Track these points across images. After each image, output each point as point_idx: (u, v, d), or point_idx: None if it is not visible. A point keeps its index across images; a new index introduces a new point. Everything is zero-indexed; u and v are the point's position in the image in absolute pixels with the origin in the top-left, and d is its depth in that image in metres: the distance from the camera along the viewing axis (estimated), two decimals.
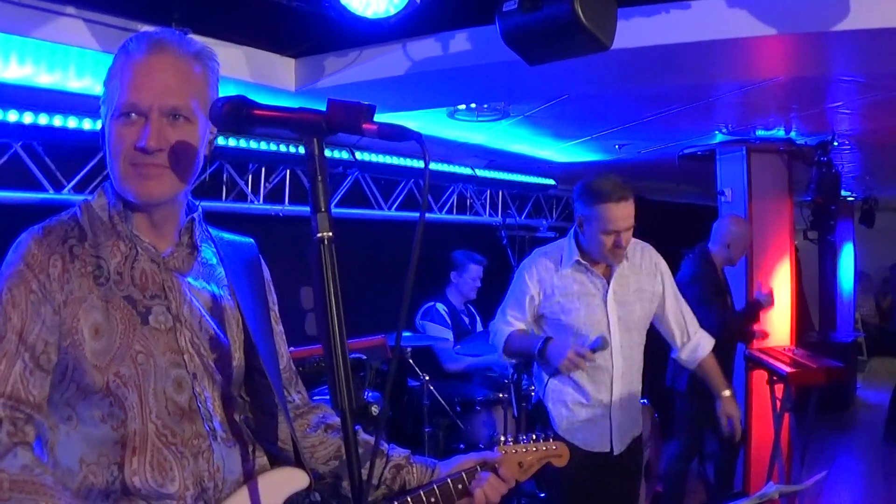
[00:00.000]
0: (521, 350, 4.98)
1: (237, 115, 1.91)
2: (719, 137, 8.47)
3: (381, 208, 8.91)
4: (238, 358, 2.42)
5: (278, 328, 2.63)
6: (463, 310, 8.81)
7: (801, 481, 7.09)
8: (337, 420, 2.69)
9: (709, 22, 4.35)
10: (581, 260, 4.91)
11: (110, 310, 2.18)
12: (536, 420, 5.03)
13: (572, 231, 5.04)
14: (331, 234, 1.84)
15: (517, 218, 10.73)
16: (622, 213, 4.74)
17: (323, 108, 1.87)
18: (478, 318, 8.95)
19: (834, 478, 8.95)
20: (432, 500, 2.49)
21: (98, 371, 2.13)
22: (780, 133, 8.23)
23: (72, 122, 5.84)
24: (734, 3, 4.23)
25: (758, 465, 8.14)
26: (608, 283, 4.92)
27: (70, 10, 4.32)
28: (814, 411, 7.41)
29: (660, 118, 7.32)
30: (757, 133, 8.25)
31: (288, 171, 7.77)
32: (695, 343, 5.23)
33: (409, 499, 2.46)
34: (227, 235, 2.60)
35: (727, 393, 5.26)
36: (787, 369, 6.72)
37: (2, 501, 1.97)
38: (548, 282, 4.95)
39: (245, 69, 5.12)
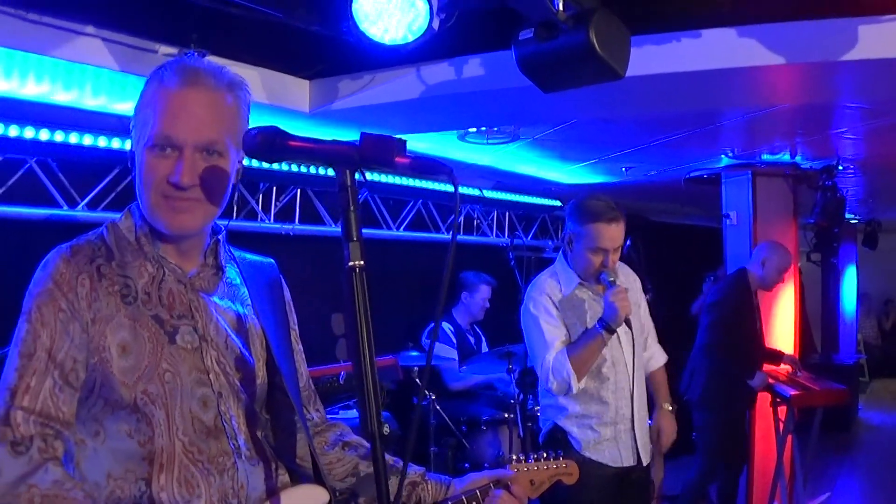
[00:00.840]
0: (586, 349, 4.75)
1: (271, 145, 1.95)
2: (725, 161, 8.54)
3: (389, 228, 8.99)
4: (262, 376, 2.47)
5: (298, 347, 2.69)
6: (469, 330, 8.87)
7: (804, 502, 7.16)
8: (354, 438, 2.76)
9: (720, 51, 4.44)
10: (582, 282, 4.97)
11: (138, 328, 2.23)
12: (549, 445, 4.89)
13: (560, 254, 5.11)
14: (362, 262, 1.88)
15: (524, 239, 10.80)
16: (612, 233, 4.82)
17: (339, 132, 1.94)
18: (483, 339, 9.01)
19: (836, 499, 8.97)
20: None
21: (126, 388, 2.18)
22: (786, 157, 8.31)
23: (87, 140, 5.94)
24: (745, 32, 4.32)
25: (761, 485, 8.19)
26: None
27: (90, 29, 4.41)
28: (817, 433, 7.46)
29: (666, 142, 7.40)
30: (763, 157, 8.33)
31: (298, 191, 7.83)
32: (649, 354, 5.37)
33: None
34: (249, 256, 2.66)
35: (668, 407, 5.37)
36: (791, 391, 6.77)
37: None
38: (560, 307, 4.97)
39: (260, 90, 5.20)
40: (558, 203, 11.15)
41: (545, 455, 2.93)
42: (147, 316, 2.26)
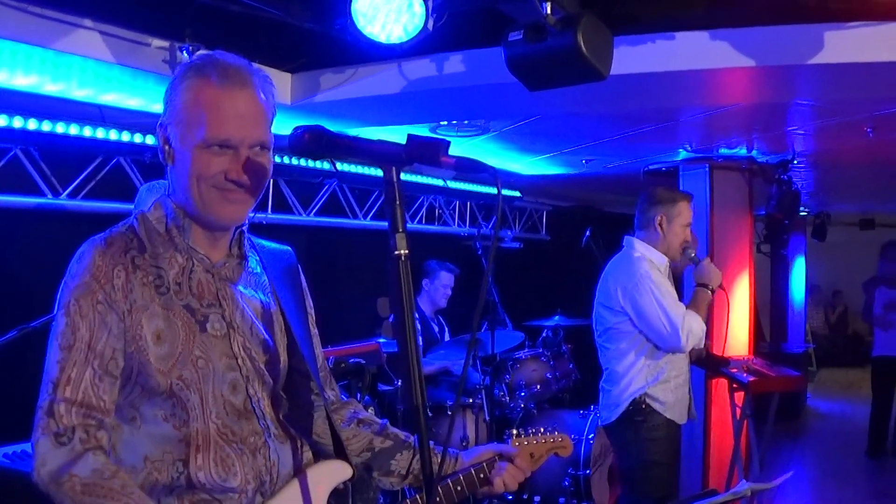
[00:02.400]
0: (702, 308, 5.43)
1: (318, 143, 2.07)
2: (683, 155, 8.73)
3: (356, 217, 9.11)
4: (283, 360, 2.61)
5: (314, 331, 2.81)
6: (433, 318, 9.00)
7: (765, 482, 7.35)
8: (367, 415, 2.91)
9: (691, 53, 4.65)
10: (668, 259, 5.56)
11: (171, 317, 2.35)
12: (633, 416, 5.39)
13: (635, 238, 5.62)
14: (407, 251, 2.02)
15: (487, 228, 10.96)
16: (692, 212, 5.59)
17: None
18: (446, 329, 9.15)
19: (787, 484, 9.17)
20: (458, 488, 2.73)
21: (162, 374, 2.30)
22: (742, 152, 8.52)
23: (73, 130, 6.01)
24: (717, 35, 4.52)
25: (717, 469, 8.40)
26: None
27: (87, 22, 4.50)
28: (773, 418, 7.67)
29: (627, 136, 7.60)
30: (720, 151, 8.54)
31: (271, 182, 7.90)
32: None
33: (461, 476, 2.73)
34: (266, 243, 2.78)
35: None
36: (748, 378, 6.94)
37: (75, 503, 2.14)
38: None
39: None
40: (518, 194, 11.29)
41: (542, 430, 3.11)
42: (179, 305, 2.37)
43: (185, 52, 4.76)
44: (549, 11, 3.78)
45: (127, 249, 2.36)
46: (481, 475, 2.82)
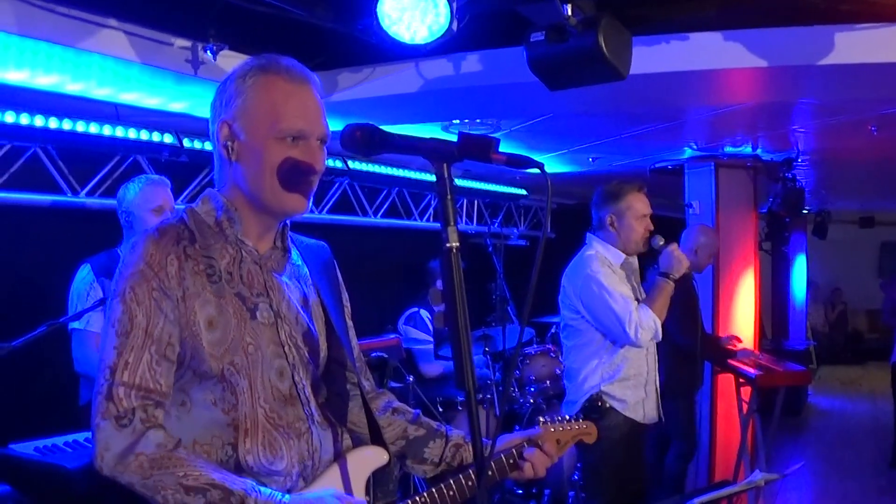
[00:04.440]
0: (660, 298, 5.31)
1: (370, 140, 2.19)
2: (689, 153, 8.85)
3: (367, 215, 9.22)
4: (324, 349, 2.70)
5: (350, 323, 2.90)
6: None
7: (777, 472, 7.41)
8: (401, 405, 3.01)
9: (705, 53, 4.74)
10: (626, 257, 5.50)
11: (223, 305, 2.42)
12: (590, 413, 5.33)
13: (594, 237, 5.54)
14: (458, 244, 2.12)
15: (496, 226, 11.01)
16: (647, 200, 5.45)
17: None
18: None
19: (790, 480, 9.20)
20: (489, 473, 2.81)
21: (214, 360, 2.37)
22: (747, 150, 8.63)
23: (92, 129, 6.09)
24: (730, 36, 4.61)
25: (723, 464, 8.50)
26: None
27: (112, 22, 4.58)
28: (779, 413, 7.72)
29: (633, 135, 7.70)
30: (725, 149, 8.65)
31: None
32: None
33: (471, 472, 2.78)
34: (304, 239, 2.87)
35: None
36: (754, 373, 7.00)
37: (145, 480, 2.22)
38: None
39: None
40: (524, 192, 11.39)
41: (567, 417, 3.20)
42: (231, 294, 2.45)
43: (208, 51, 4.84)
44: (569, 13, 3.87)
45: (179, 239, 2.43)
46: (511, 461, 2.91)
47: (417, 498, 2.68)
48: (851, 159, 9.42)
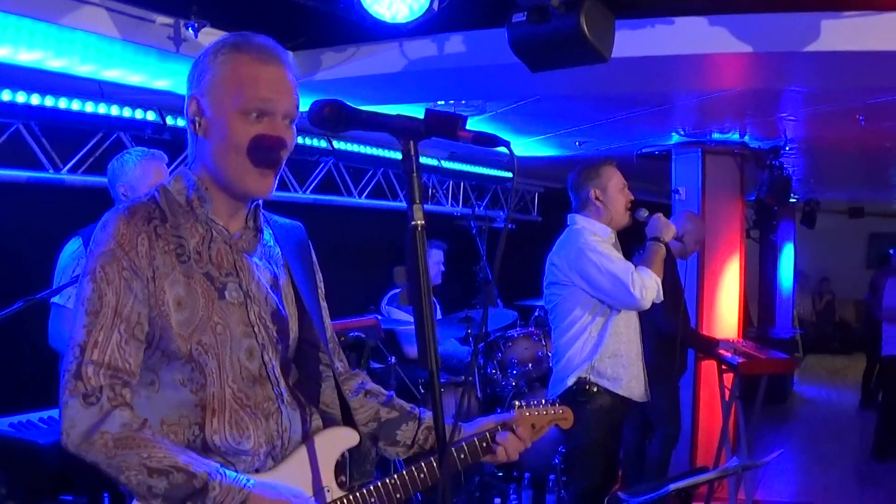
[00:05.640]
0: (654, 261, 5.32)
1: (337, 116, 2.18)
2: (676, 139, 8.85)
3: (352, 196, 9.21)
4: (294, 330, 2.68)
5: (324, 304, 2.88)
6: None
7: (756, 460, 7.42)
8: (374, 386, 2.98)
9: (690, 38, 4.72)
10: (611, 231, 5.50)
11: (192, 285, 2.41)
12: (577, 397, 5.30)
13: (579, 215, 5.54)
14: (423, 222, 2.10)
15: (481, 208, 11.02)
16: (620, 173, 5.51)
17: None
18: (438, 307, 9.15)
19: (772, 468, 9.23)
20: (461, 456, 2.80)
21: (182, 339, 2.37)
22: (735, 137, 8.62)
23: (75, 105, 6.08)
24: (715, 21, 4.60)
25: (705, 450, 8.53)
26: None
27: None
28: (761, 400, 7.73)
29: (621, 119, 7.68)
30: (713, 136, 8.64)
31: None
32: None
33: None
34: (278, 219, 2.84)
35: None
36: (738, 359, 7.01)
37: (109, 459, 2.21)
38: None
39: None
40: (510, 175, 11.38)
41: (544, 401, 3.18)
42: (199, 273, 2.44)
43: (189, 28, 4.82)
44: None
45: (150, 219, 2.41)
46: (484, 444, 2.88)
47: (387, 480, 2.65)
48: (840, 149, 9.44)
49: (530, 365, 8.02)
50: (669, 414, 7.41)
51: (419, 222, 2.10)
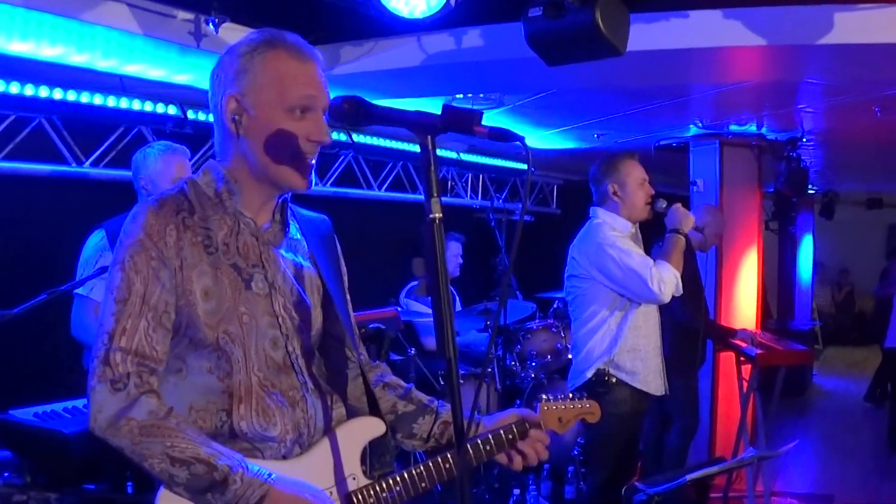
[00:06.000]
0: (674, 254, 5.29)
1: (356, 112, 2.23)
2: (694, 131, 8.86)
3: (371, 188, 9.27)
4: (319, 321, 2.73)
5: (348, 296, 2.92)
6: None
7: (772, 450, 7.43)
8: (393, 379, 3.03)
9: (705, 31, 4.75)
10: (632, 225, 5.47)
11: (219, 275, 2.47)
12: (596, 388, 5.26)
13: (600, 209, 5.51)
14: (441, 215, 2.14)
15: (500, 201, 11.04)
16: (641, 167, 5.44)
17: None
18: (457, 298, 9.23)
19: (790, 460, 9.23)
20: (487, 447, 2.84)
21: (209, 328, 2.43)
22: (752, 129, 8.63)
23: (97, 100, 6.14)
24: (730, 14, 4.62)
25: (723, 441, 8.55)
26: None
27: None
28: (779, 392, 7.73)
29: (638, 112, 7.71)
30: (730, 128, 8.66)
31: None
32: None
33: (469, 446, 2.79)
34: (305, 212, 2.89)
35: None
36: (756, 351, 7.01)
37: (134, 446, 2.28)
38: None
39: None
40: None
41: (570, 395, 3.21)
42: (226, 264, 2.49)
43: (210, 24, 4.87)
44: None
45: (178, 210, 2.47)
46: (510, 436, 2.90)
47: (413, 470, 2.69)
48: (857, 140, 9.43)
49: (549, 357, 8.03)
50: (688, 406, 7.40)
51: (437, 215, 2.14)
